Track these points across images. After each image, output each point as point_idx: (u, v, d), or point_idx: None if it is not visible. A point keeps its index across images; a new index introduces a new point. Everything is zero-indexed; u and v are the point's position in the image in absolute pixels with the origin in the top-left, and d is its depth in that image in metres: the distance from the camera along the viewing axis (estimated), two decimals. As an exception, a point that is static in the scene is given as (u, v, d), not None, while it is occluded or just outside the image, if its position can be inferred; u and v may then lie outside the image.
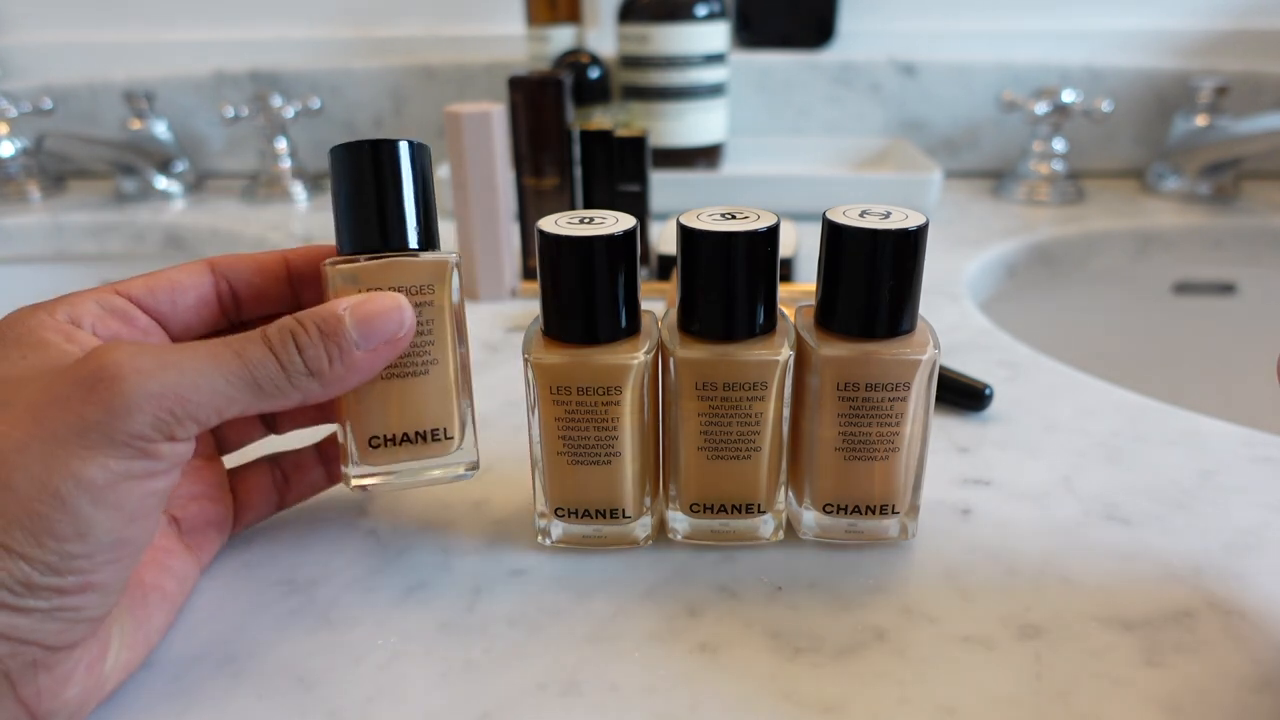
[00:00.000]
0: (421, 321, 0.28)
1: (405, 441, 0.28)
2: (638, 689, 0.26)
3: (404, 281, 0.28)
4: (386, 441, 0.28)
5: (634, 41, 0.76)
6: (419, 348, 0.28)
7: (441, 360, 0.28)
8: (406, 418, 0.28)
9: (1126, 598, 0.30)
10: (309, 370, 0.25)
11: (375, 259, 0.28)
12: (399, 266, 0.28)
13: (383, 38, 0.95)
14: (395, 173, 0.28)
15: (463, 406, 0.29)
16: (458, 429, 0.29)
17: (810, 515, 0.32)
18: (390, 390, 0.28)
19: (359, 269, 0.28)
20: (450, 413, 0.29)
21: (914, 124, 0.89)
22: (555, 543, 0.33)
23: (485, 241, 0.57)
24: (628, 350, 0.30)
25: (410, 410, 0.28)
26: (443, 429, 0.29)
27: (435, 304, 0.28)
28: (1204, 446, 0.39)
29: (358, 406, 0.28)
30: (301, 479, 0.33)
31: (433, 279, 0.28)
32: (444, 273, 0.28)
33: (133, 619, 0.26)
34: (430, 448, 0.29)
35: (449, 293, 0.28)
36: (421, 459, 0.29)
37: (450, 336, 0.29)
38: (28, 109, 0.85)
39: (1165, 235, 0.74)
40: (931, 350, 0.29)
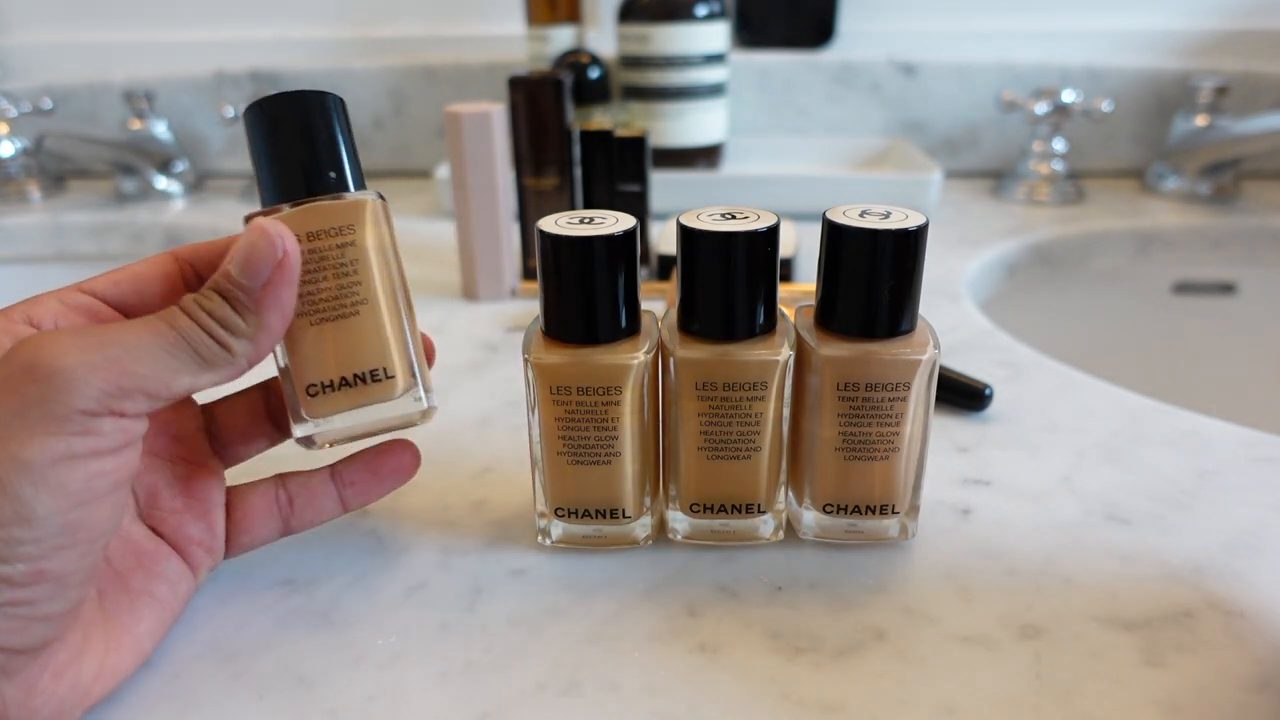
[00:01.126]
0: (345, 263, 0.27)
1: (344, 385, 0.27)
2: (638, 689, 0.26)
3: (321, 225, 0.27)
4: (325, 388, 0.27)
5: (634, 41, 0.76)
6: (345, 289, 0.27)
7: (371, 300, 0.27)
8: (341, 361, 0.27)
9: (1126, 598, 0.30)
10: (230, 330, 0.25)
11: (293, 206, 0.27)
12: (313, 212, 0.27)
13: (383, 38, 0.95)
14: (305, 122, 0.28)
15: (405, 346, 0.28)
16: (399, 369, 0.28)
17: (810, 515, 0.32)
18: (322, 336, 0.27)
19: (279, 218, 0.27)
20: (387, 352, 0.28)
21: (914, 124, 0.89)
22: (555, 543, 0.33)
23: (485, 241, 0.57)
24: (628, 350, 0.30)
25: (344, 353, 0.27)
26: (381, 369, 0.27)
27: (357, 244, 0.27)
28: (1204, 446, 0.39)
29: (293, 358, 0.27)
30: (310, 503, 0.31)
31: (352, 219, 0.27)
32: (362, 212, 0.28)
33: (118, 624, 0.26)
34: (372, 390, 0.28)
35: (372, 231, 0.28)
36: (366, 404, 0.28)
37: (379, 276, 0.28)
38: (28, 109, 0.85)
39: (1165, 235, 0.74)
40: (931, 350, 0.29)
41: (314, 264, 0.27)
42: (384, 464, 0.31)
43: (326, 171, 0.28)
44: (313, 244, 0.27)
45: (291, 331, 0.27)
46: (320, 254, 0.27)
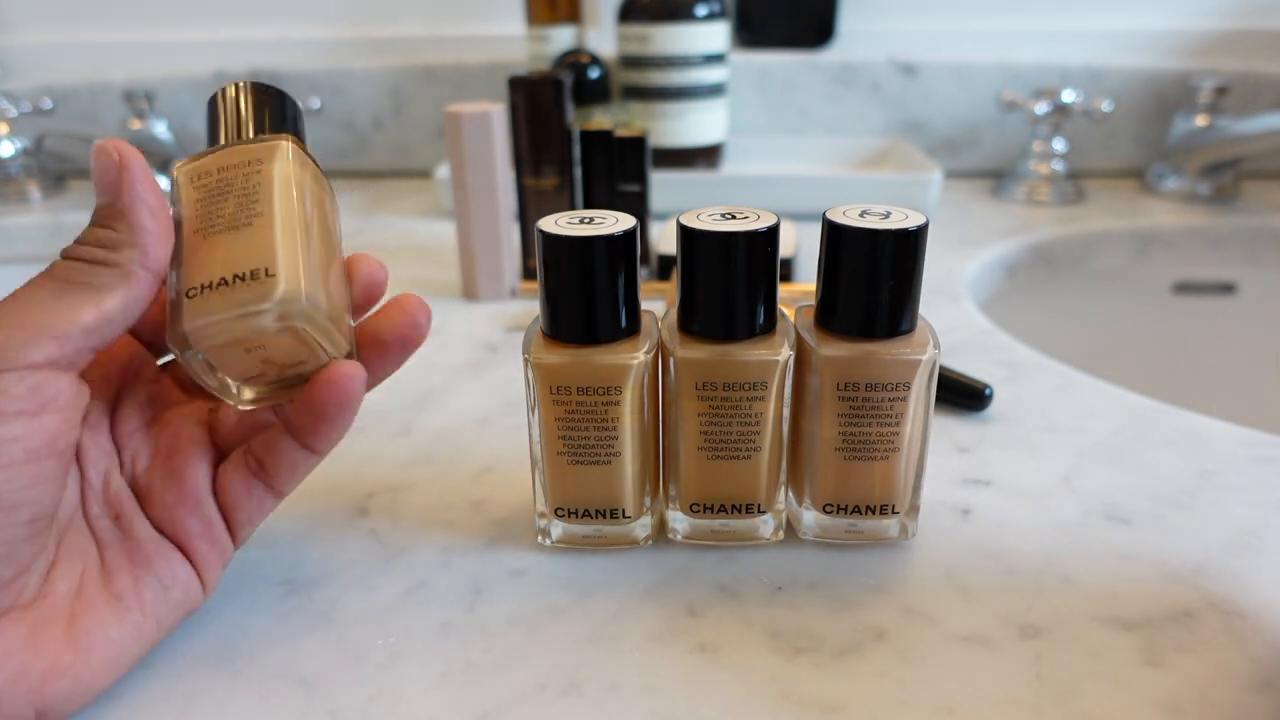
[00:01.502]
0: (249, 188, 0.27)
1: (223, 285, 0.25)
2: (638, 689, 0.26)
3: (233, 161, 0.27)
4: (203, 289, 0.25)
5: (634, 41, 0.76)
6: (243, 206, 0.26)
7: (267, 214, 0.26)
8: (226, 263, 0.26)
9: (1126, 598, 0.30)
10: (105, 245, 0.25)
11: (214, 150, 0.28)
12: (230, 153, 0.27)
13: (383, 38, 0.95)
14: (255, 99, 0.29)
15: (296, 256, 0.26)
16: (284, 270, 0.25)
17: (810, 515, 0.32)
18: (214, 244, 0.26)
19: (194, 165, 0.28)
20: (272, 254, 0.26)
21: (914, 124, 0.89)
22: (555, 543, 0.33)
23: (485, 241, 0.57)
24: (628, 350, 0.30)
25: (230, 257, 0.26)
26: (262, 268, 0.25)
27: (263, 173, 0.27)
28: (1204, 446, 0.39)
29: (182, 271, 0.26)
30: (278, 458, 0.28)
31: (262, 155, 0.27)
32: (273, 149, 0.28)
33: (82, 624, 0.25)
34: (249, 287, 0.25)
35: (281, 165, 0.27)
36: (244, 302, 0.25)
37: (280, 199, 0.27)
38: (28, 109, 0.84)
39: (1165, 235, 0.74)
40: (931, 350, 0.29)
41: (220, 189, 0.27)
42: (317, 394, 0.27)
43: (256, 130, 0.29)
44: (222, 174, 0.27)
45: (187, 246, 0.26)
46: (227, 182, 0.27)
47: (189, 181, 0.27)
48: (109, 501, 0.27)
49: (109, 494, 0.27)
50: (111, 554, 0.27)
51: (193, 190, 0.27)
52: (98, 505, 0.27)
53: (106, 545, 0.27)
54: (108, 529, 0.27)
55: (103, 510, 0.27)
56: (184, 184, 0.27)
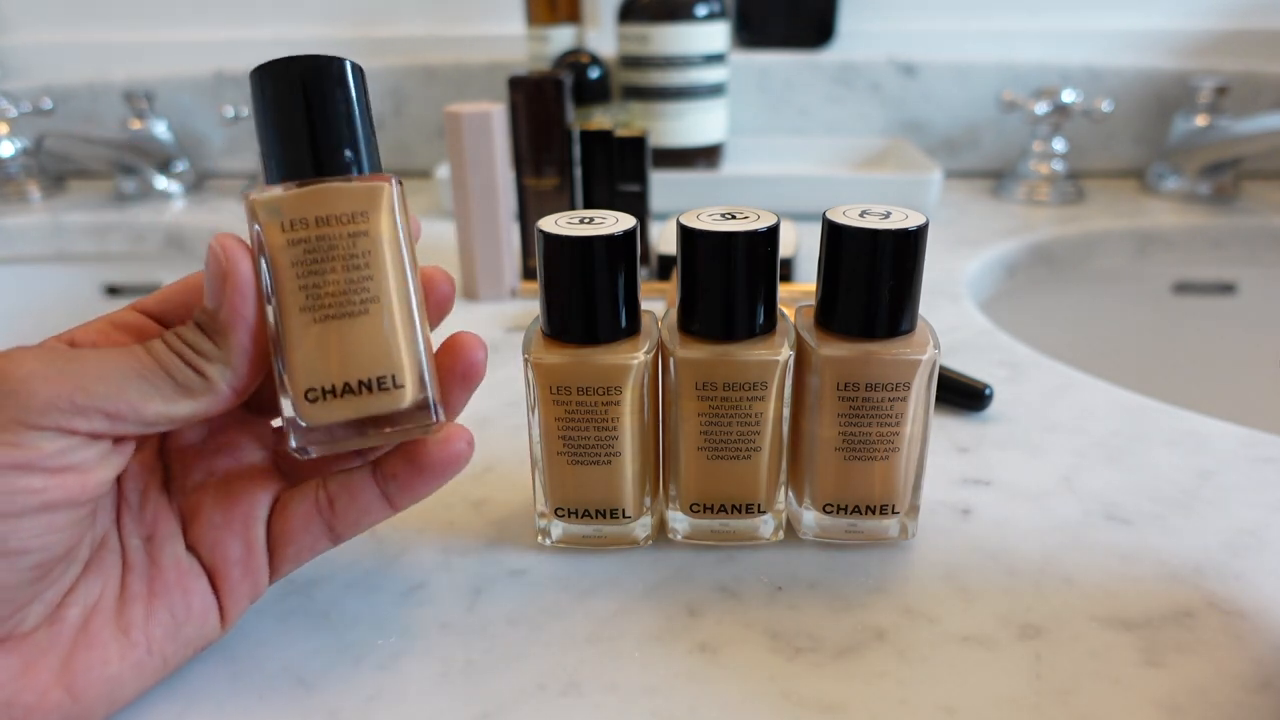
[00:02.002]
0: (356, 254, 0.25)
1: (347, 392, 0.24)
2: (638, 689, 0.26)
3: (331, 210, 0.24)
4: (325, 393, 0.24)
5: (634, 41, 0.76)
6: (354, 284, 0.24)
7: (382, 299, 0.25)
8: (346, 365, 0.24)
9: (1126, 598, 0.30)
10: (202, 354, 0.24)
11: (300, 186, 0.25)
12: (322, 194, 0.24)
13: (383, 38, 0.95)
14: (320, 90, 0.25)
15: (416, 352, 0.25)
16: (409, 377, 0.25)
17: (810, 515, 0.32)
18: (326, 335, 0.24)
19: (280, 199, 0.24)
20: (397, 358, 0.25)
21: (914, 124, 0.89)
22: (555, 542, 0.33)
23: (485, 241, 0.57)
24: (628, 350, 0.30)
25: (349, 356, 0.24)
26: (390, 377, 0.25)
27: (370, 234, 0.25)
28: (1204, 446, 0.39)
29: (291, 357, 0.25)
30: (352, 502, 0.27)
31: (366, 205, 0.25)
32: (379, 198, 0.25)
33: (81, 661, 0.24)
34: (378, 399, 0.25)
35: (387, 220, 0.25)
36: (366, 415, 0.25)
37: (392, 271, 0.25)
38: (28, 109, 0.84)
39: (1165, 235, 0.74)
40: (931, 350, 0.29)
41: (321, 253, 0.24)
42: (427, 453, 0.27)
43: (341, 149, 0.25)
44: (321, 230, 0.24)
45: (291, 328, 0.24)
46: (329, 242, 0.24)
47: (279, 230, 0.24)
48: (144, 521, 0.27)
49: (145, 513, 0.27)
50: (133, 579, 0.26)
51: (286, 244, 0.24)
52: (133, 523, 0.26)
53: (131, 568, 0.26)
54: (137, 549, 0.26)
55: (136, 528, 0.26)
56: (271, 230, 0.24)
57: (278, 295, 0.24)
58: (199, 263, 0.81)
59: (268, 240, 0.24)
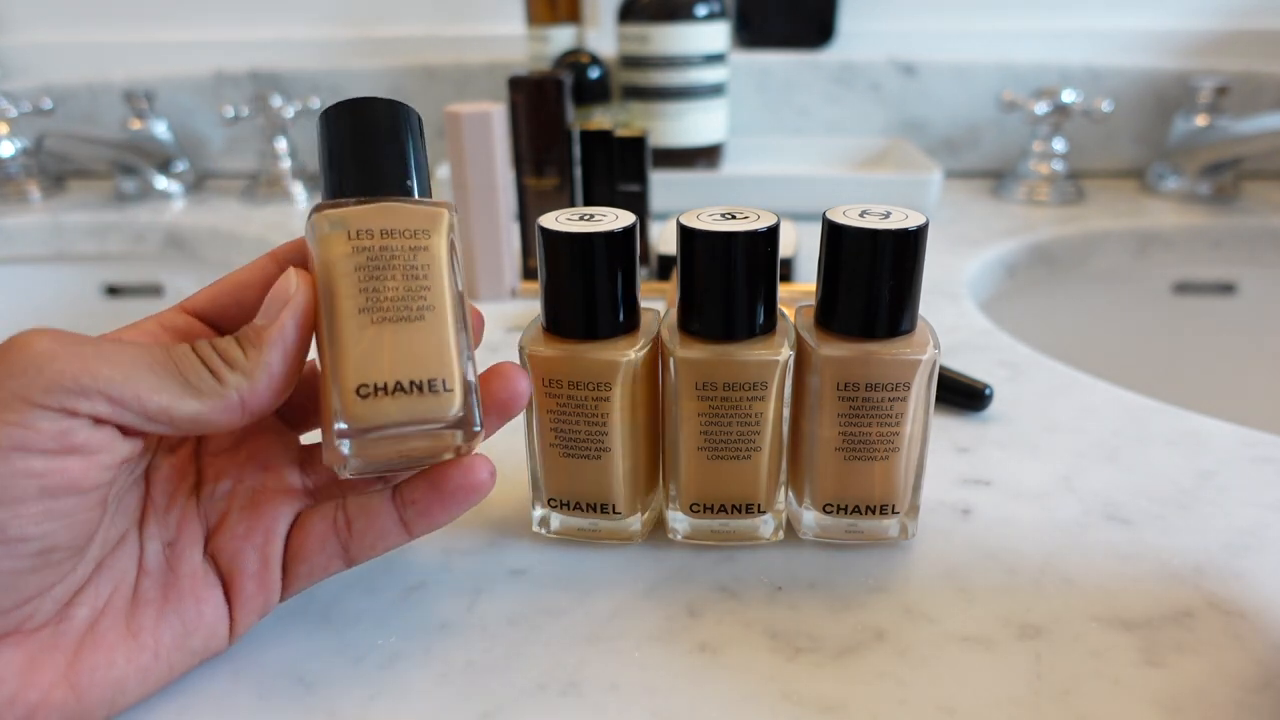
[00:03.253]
0: (416, 266, 0.26)
1: (399, 391, 0.25)
2: (638, 689, 0.26)
3: (397, 225, 0.26)
4: (377, 390, 0.25)
5: (634, 41, 0.76)
6: (413, 292, 0.25)
7: (439, 309, 0.26)
8: (399, 365, 0.25)
9: (1126, 598, 0.30)
10: (226, 360, 0.24)
11: (365, 202, 0.26)
12: (391, 210, 0.26)
13: (383, 38, 0.95)
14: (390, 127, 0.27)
15: (464, 366, 0.26)
16: (458, 384, 0.25)
17: (810, 515, 0.32)
18: (382, 335, 0.25)
19: (348, 212, 0.26)
20: (449, 364, 0.25)
21: (914, 124, 0.89)
22: (553, 533, 0.33)
23: (485, 241, 0.57)
24: (621, 348, 0.30)
25: (403, 357, 0.25)
26: (441, 380, 0.25)
27: (430, 250, 0.26)
28: (1204, 446, 0.39)
29: (347, 355, 0.25)
30: (369, 525, 0.27)
31: (428, 224, 0.26)
32: (439, 220, 0.26)
33: (87, 662, 0.24)
34: (428, 401, 0.25)
35: (445, 243, 0.26)
36: (421, 418, 0.25)
37: (448, 287, 0.26)
38: (28, 109, 0.84)
39: (1165, 235, 0.74)
40: (931, 350, 0.29)
41: (384, 261, 0.25)
42: (449, 479, 0.27)
43: (404, 178, 0.27)
44: (385, 240, 0.25)
45: (348, 329, 0.25)
46: (391, 252, 0.25)
47: (344, 238, 0.25)
48: (168, 525, 0.27)
49: (170, 516, 0.27)
50: (147, 583, 0.26)
51: (350, 250, 0.25)
52: (157, 526, 0.26)
53: (147, 572, 0.26)
54: (155, 553, 0.26)
55: (159, 531, 0.26)
56: (334, 238, 0.25)
57: (334, 301, 0.25)
58: (199, 263, 0.81)
59: (329, 251, 0.25)
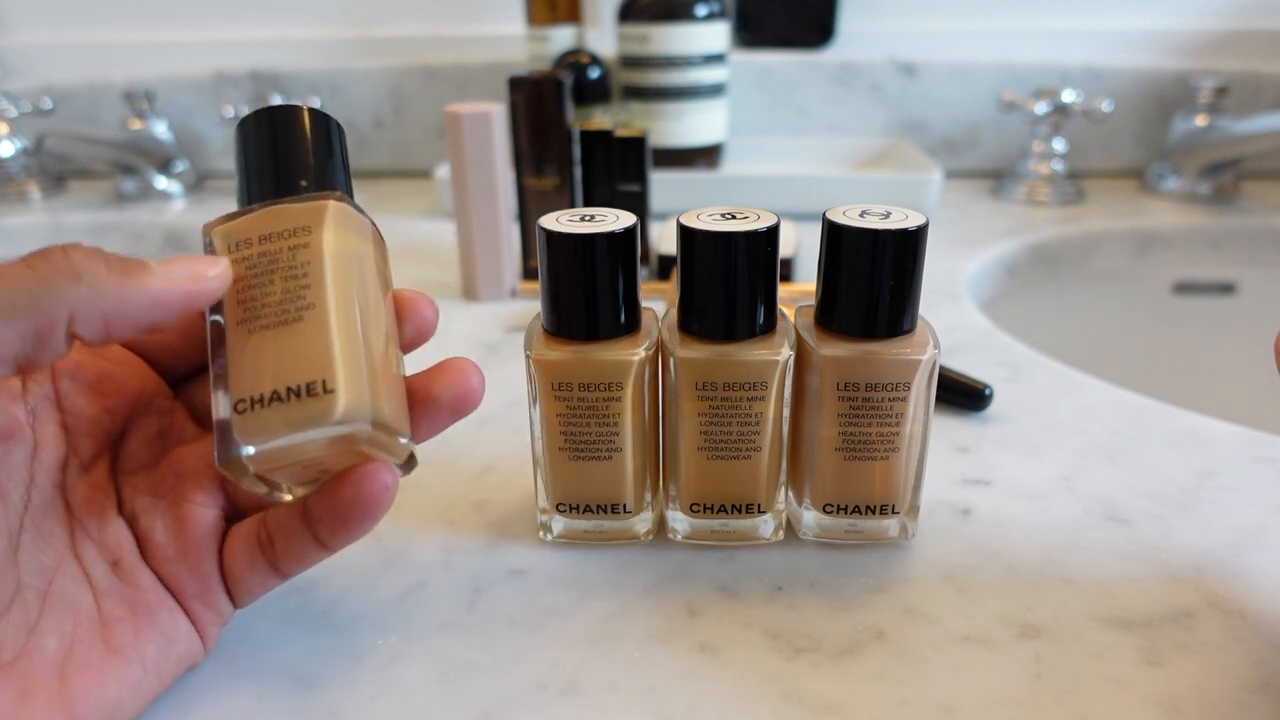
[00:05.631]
0: (295, 265, 0.24)
1: (275, 400, 0.23)
2: (638, 689, 0.26)
3: (275, 228, 0.24)
4: (254, 403, 0.23)
5: (634, 41, 0.76)
6: (291, 293, 0.24)
7: (319, 305, 0.23)
8: (278, 372, 0.23)
9: (1126, 598, 0.30)
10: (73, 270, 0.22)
11: (249, 211, 0.25)
12: (271, 214, 0.25)
13: (383, 38, 0.95)
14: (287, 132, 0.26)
15: (357, 361, 0.23)
16: (344, 384, 0.23)
17: (810, 515, 0.32)
18: (263, 344, 0.23)
19: (230, 227, 0.25)
20: (329, 362, 0.23)
21: (914, 124, 0.89)
22: (557, 538, 0.33)
23: (485, 241, 0.57)
24: (629, 346, 0.30)
25: (282, 363, 0.23)
26: (320, 381, 0.23)
27: (311, 246, 0.24)
28: (1204, 446, 0.39)
29: (229, 374, 0.24)
30: (287, 543, 0.26)
31: (309, 221, 0.24)
32: (320, 214, 0.25)
33: (78, 684, 0.23)
34: (308, 406, 0.23)
35: (333, 236, 0.24)
36: (301, 426, 0.23)
37: (333, 281, 0.24)
38: (28, 109, 0.84)
39: (1165, 235, 0.74)
40: (931, 350, 0.29)
41: (263, 267, 0.24)
42: (342, 492, 0.25)
43: (297, 179, 0.26)
44: (264, 246, 0.24)
45: (232, 346, 0.24)
46: (271, 256, 0.24)
47: (225, 249, 0.25)
48: (106, 546, 0.25)
49: (105, 537, 0.25)
50: (110, 603, 0.25)
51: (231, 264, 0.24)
52: (92, 549, 0.25)
53: (104, 593, 0.25)
54: (104, 575, 0.25)
55: (98, 554, 0.25)
56: (220, 250, 0.25)
57: (224, 321, 0.24)
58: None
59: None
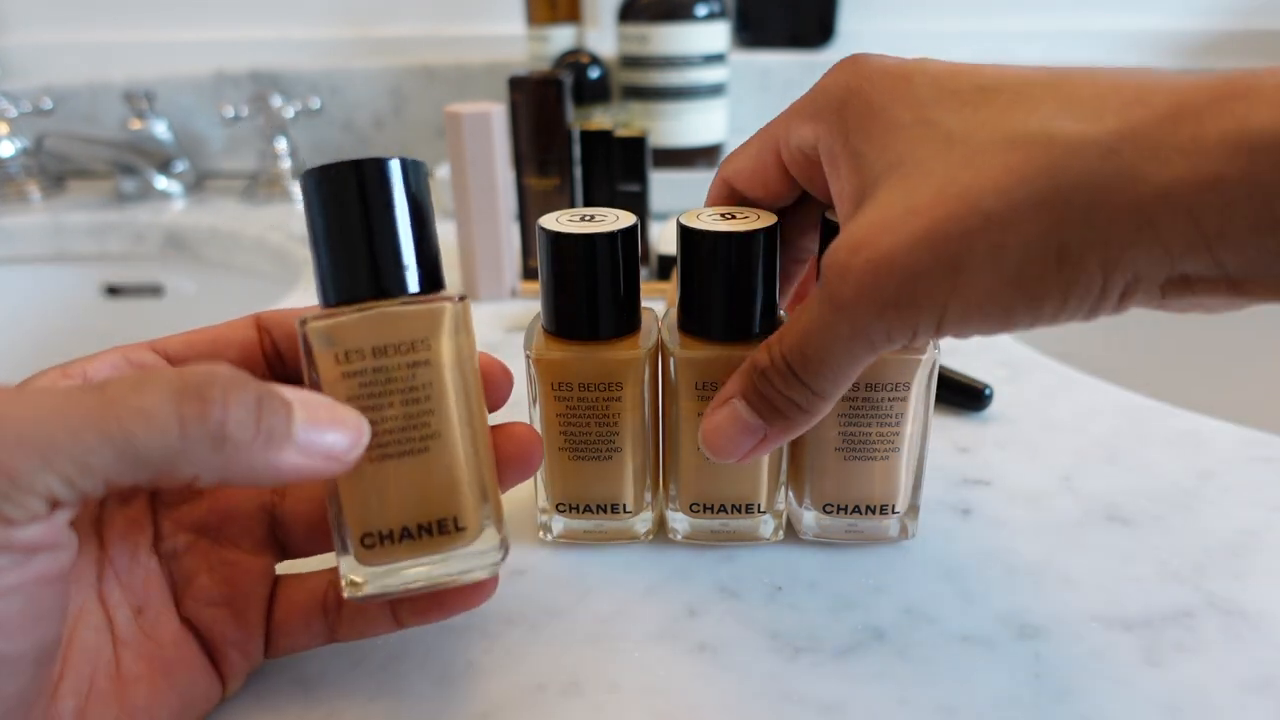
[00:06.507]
0: (416, 386, 0.23)
1: (406, 537, 0.23)
2: (638, 689, 0.26)
3: (390, 339, 0.22)
4: (382, 539, 0.23)
5: (634, 41, 0.76)
6: (414, 419, 0.23)
7: (445, 434, 0.23)
8: (405, 507, 0.23)
9: (1126, 598, 0.30)
10: (222, 437, 0.19)
11: (355, 310, 0.23)
12: (383, 320, 0.22)
13: (383, 38, 0.95)
14: (384, 201, 0.23)
15: (480, 487, 0.23)
16: (473, 516, 0.23)
17: (810, 515, 0.32)
18: (383, 475, 0.23)
19: (334, 326, 0.22)
20: (459, 499, 0.23)
21: (914, 124, 0.89)
22: (557, 538, 0.33)
23: (485, 241, 0.57)
24: (629, 346, 0.30)
25: (409, 498, 0.23)
26: (452, 519, 0.23)
27: (432, 364, 0.23)
28: (1204, 446, 0.39)
29: (348, 500, 0.23)
30: (360, 611, 0.26)
31: (426, 331, 0.23)
32: (439, 321, 0.23)
33: None
34: (439, 542, 0.23)
35: (449, 346, 0.23)
36: (432, 557, 0.23)
37: (454, 402, 0.23)
38: (28, 109, 0.84)
39: (1165, 235, 0.74)
40: (932, 350, 0.29)
41: (378, 386, 0.22)
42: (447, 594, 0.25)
43: (401, 271, 0.23)
44: (378, 361, 0.22)
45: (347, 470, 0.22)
46: (386, 374, 0.22)
47: (334, 361, 0.23)
48: (132, 589, 0.24)
49: (134, 579, 0.24)
50: (130, 657, 0.23)
51: (340, 376, 0.23)
52: (120, 590, 0.24)
53: (124, 644, 0.23)
54: (126, 622, 0.23)
55: (123, 598, 0.24)
56: (324, 359, 0.23)
57: None
58: (199, 263, 0.81)
59: (322, 373, 0.23)
